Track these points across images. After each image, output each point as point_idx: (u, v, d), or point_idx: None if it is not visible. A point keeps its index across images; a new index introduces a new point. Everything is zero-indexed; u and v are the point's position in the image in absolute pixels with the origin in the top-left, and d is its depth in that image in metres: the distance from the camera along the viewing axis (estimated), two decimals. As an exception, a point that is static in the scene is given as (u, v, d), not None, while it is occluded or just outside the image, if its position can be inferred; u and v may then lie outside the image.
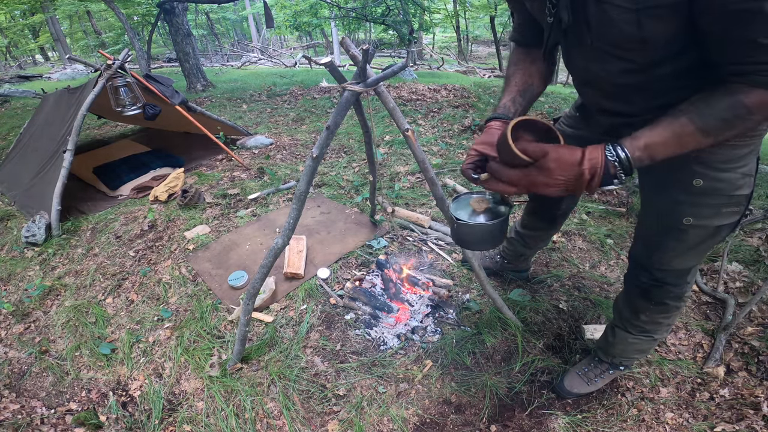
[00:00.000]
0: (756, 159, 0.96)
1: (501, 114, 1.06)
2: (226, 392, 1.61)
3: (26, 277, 2.42)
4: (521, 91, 1.09)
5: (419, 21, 11.13)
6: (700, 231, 1.03)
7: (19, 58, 22.12)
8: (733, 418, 1.40)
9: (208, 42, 20.70)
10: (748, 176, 0.96)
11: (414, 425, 1.47)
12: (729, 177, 0.94)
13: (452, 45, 19.60)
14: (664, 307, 1.23)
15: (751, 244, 2.20)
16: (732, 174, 0.94)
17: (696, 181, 0.96)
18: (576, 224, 2.45)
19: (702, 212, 1.00)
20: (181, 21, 6.96)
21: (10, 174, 3.61)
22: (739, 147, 0.92)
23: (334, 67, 1.28)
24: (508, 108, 1.07)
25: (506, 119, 1.03)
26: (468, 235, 1.07)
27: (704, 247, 1.08)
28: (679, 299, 1.21)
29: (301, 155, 3.80)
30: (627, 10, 0.73)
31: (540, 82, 1.11)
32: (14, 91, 8.73)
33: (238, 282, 2.13)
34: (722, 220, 1.00)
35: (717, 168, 0.94)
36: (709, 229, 1.02)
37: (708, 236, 1.04)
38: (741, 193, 0.97)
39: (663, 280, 1.16)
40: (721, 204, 0.98)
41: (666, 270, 1.14)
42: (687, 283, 1.18)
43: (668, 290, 1.18)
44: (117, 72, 2.96)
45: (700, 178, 0.96)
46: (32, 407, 1.67)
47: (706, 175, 0.95)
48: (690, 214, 1.01)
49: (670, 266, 1.13)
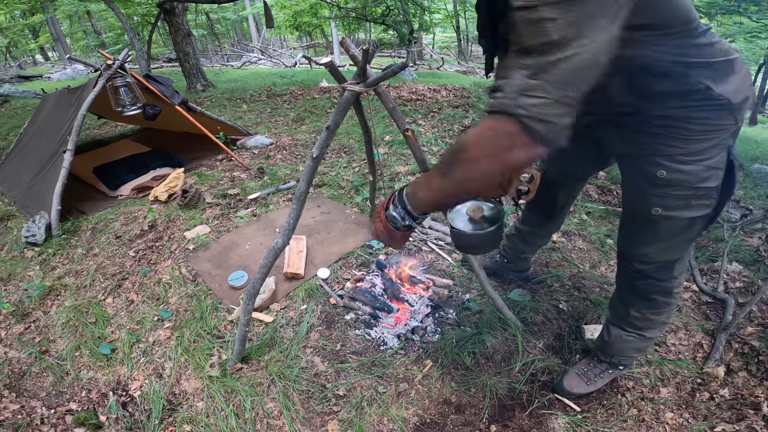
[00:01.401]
0: (725, 153, 0.98)
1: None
2: (226, 392, 1.61)
3: (26, 277, 2.42)
4: None
5: (419, 21, 11.14)
6: (672, 222, 1.06)
7: (19, 58, 22.12)
8: (733, 418, 1.40)
9: (208, 42, 20.71)
10: (713, 169, 0.98)
11: (414, 425, 1.47)
12: (692, 169, 0.97)
13: (452, 45, 19.60)
14: (652, 302, 1.24)
15: (751, 244, 2.20)
16: (695, 166, 0.97)
17: (660, 172, 1.00)
18: (576, 224, 2.45)
19: (669, 203, 1.03)
20: (181, 21, 6.96)
21: (10, 174, 3.61)
22: (696, 141, 0.95)
23: (334, 67, 1.28)
24: None
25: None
26: (467, 242, 1.12)
27: (681, 240, 1.10)
28: (668, 294, 1.22)
29: (301, 155, 3.80)
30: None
31: None
32: (14, 91, 8.73)
33: (238, 282, 2.13)
34: (693, 212, 1.03)
35: (678, 160, 0.97)
36: (682, 221, 1.05)
37: (682, 228, 1.07)
38: (707, 185, 0.99)
39: (646, 273, 1.19)
40: (689, 196, 1.01)
41: (647, 262, 1.17)
42: (674, 278, 1.19)
43: (653, 284, 1.20)
44: (117, 72, 2.96)
45: (664, 169, 0.99)
46: (32, 407, 1.67)
47: (669, 167, 0.99)
48: (658, 204, 1.05)
49: (650, 258, 1.16)
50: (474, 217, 1.06)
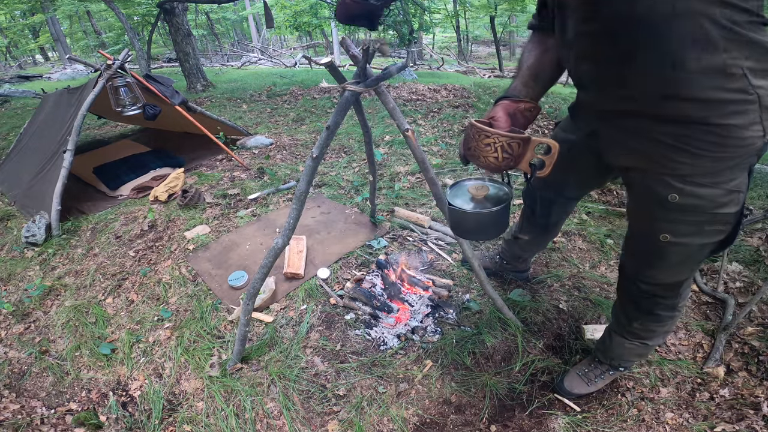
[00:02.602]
0: (747, 174, 0.87)
1: (512, 94, 1.03)
2: (226, 392, 1.61)
3: (26, 277, 2.42)
4: (534, 75, 1.05)
5: (419, 21, 11.13)
6: (681, 249, 0.96)
7: (19, 58, 22.12)
8: (733, 418, 1.40)
9: (208, 42, 20.69)
10: (735, 192, 0.86)
11: (414, 425, 1.47)
12: (710, 193, 0.85)
13: (452, 45, 19.59)
14: (655, 317, 1.20)
15: (751, 244, 2.19)
16: (714, 190, 0.85)
17: (671, 196, 0.88)
18: (576, 224, 2.45)
19: (680, 229, 0.92)
20: (181, 21, 6.96)
21: (10, 174, 3.61)
22: (721, 159, 0.81)
23: (334, 67, 1.28)
24: (519, 90, 1.04)
25: (517, 98, 1.02)
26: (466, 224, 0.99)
27: (690, 263, 1.03)
28: (672, 309, 1.18)
29: (301, 155, 3.80)
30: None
31: (553, 71, 1.07)
32: (14, 91, 8.74)
33: (238, 282, 2.13)
34: (705, 238, 0.92)
35: (695, 183, 0.85)
36: (692, 247, 0.95)
37: (691, 254, 0.98)
38: (726, 211, 0.87)
39: (651, 292, 1.12)
40: (703, 221, 0.89)
41: (653, 284, 1.10)
42: (679, 295, 1.13)
43: (658, 302, 1.15)
44: (117, 72, 2.96)
45: (676, 193, 0.87)
46: (32, 407, 1.67)
47: (683, 191, 0.86)
48: (667, 230, 0.94)
49: (655, 280, 1.09)
50: (476, 196, 0.94)
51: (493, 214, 0.92)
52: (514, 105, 1.02)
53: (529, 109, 1.03)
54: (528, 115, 1.03)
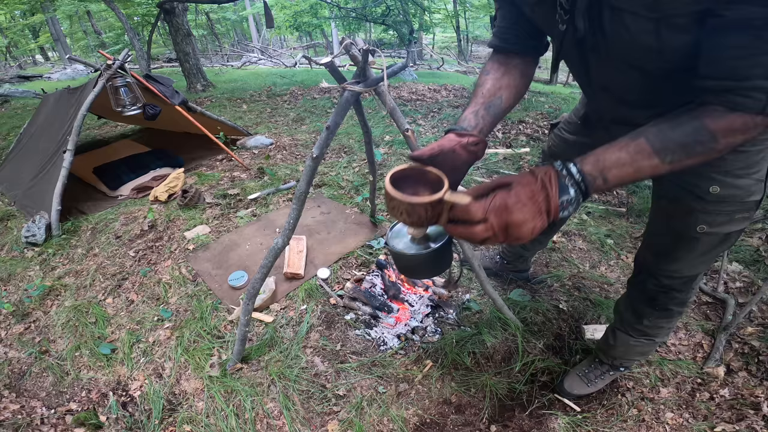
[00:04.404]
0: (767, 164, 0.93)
1: (460, 127, 0.92)
2: (226, 392, 1.61)
3: (26, 277, 2.42)
4: (486, 104, 0.96)
5: (419, 21, 11.14)
6: (712, 238, 1.01)
7: (19, 58, 22.12)
8: (733, 418, 1.40)
9: (208, 42, 20.71)
10: (760, 182, 0.93)
11: (414, 425, 1.47)
12: (745, 183, 0.92)
13: (452, 45, 19.59)
14: (667, 312, 1.22)
15: (751, 244, 2.19)
16: (747, 180, 0.92)
17: (713, 188, 0.93)
18: (576, 224, 2.45)
19: (716, 220, 0.98)
20: (181, 21, 6.96)
21: (10, 174, 3.61)
22: (754, 153, 0.89)
23: (334, 67, 1.28)
24: (468, 121, 0.94)
25: (463, 131, 0.90)
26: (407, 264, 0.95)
27: (714, 254, 1.07)
28: (683, 305, 1.21)
29: (301, 155, 3.80)
30: (646, 19, 0.68)
31: (511, 94, 0.99)
32: (14, 91, 8.73)
33: (238, 282, 2.13)
34: (733, 226, 0.99)
35: (735, 174, 0.91)
36: (720, 236, 1.01)
37: (718, 243, 1.03)
38: (754, 199, 0.95)
39: (670, 286, 1.15)
40: (735, 210, 0.96)
41: (675, 277, 1.13)
42: (692, 289, 1.17)
43: (673, 296, 1.17)
44: (117, 72, 2.96)
45: (718, 185, 0.92)
46: (32, 407, 1.67)
47: (724, 182, 0.92)
48: (704, 222, 0.98)
49: (679, 273, 1.12)
50: (416, 236, 0.89)
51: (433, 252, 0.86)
52: (457, 140, 0.88)
53: (475, 143, 0.89)
54: (473, 149, 0.89)
